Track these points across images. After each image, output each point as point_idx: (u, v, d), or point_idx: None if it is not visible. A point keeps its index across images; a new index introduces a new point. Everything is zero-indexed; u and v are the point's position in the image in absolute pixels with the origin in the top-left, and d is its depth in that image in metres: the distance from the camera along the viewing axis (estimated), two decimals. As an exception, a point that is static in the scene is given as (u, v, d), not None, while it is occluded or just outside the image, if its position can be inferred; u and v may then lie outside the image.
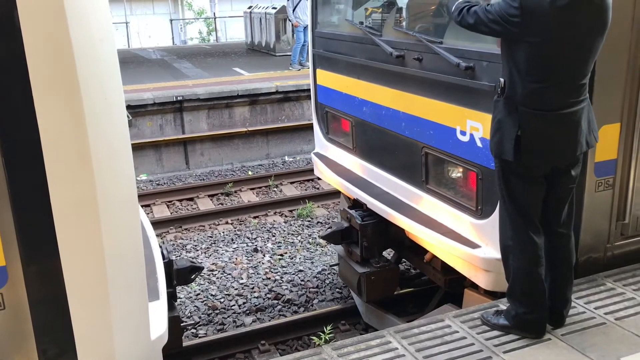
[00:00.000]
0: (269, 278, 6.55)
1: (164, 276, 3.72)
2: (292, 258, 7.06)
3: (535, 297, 3.29)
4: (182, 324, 4.54)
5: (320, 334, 5.24)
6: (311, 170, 6.99)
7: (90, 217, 2.61)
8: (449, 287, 4.63)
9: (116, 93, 2.74)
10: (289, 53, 15.69)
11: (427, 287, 5.61)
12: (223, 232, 7.97)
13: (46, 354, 2.67)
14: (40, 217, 2.52)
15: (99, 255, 2.69)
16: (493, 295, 3.99)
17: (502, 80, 3.10)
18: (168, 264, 4.05)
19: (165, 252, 4.12)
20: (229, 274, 6.68)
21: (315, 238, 7.58)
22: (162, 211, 8.76)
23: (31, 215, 2.54)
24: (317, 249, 7.28)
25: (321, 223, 8.11)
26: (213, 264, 6.97)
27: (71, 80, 2.47)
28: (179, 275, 4.23)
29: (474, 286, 4.16)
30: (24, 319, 2.61)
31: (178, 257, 6.07)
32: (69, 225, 2.57)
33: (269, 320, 5.73)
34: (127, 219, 2.84)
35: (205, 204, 9.01)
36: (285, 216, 8.48)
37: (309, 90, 6.16)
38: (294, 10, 14.13)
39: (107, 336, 2.81)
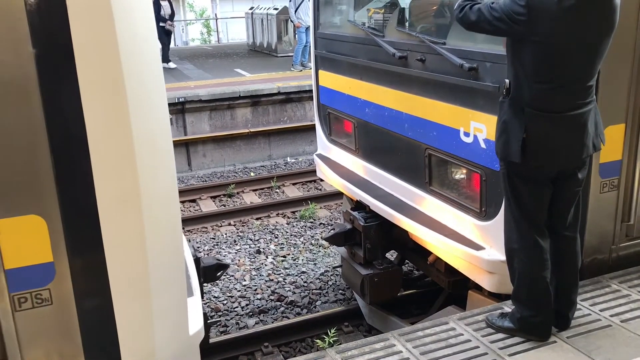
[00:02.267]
0: (272, 280, 6.54)
1: (195, 273, 3.75)
2: (294, 260, 7.04)
3: (541, 300, 3.27)
4: (207, 322, 4.54)
5: (324, 336, 5.22)
6: (313, 171, 6.98)
7: (134, 213, 2.67)
8: (452, 289, 4.61)
9: (159, 91, 2.79)
10: (290, 54, 15.68)
11: (430, 289, 5.59)
12: (225, 234, 7.96)
13: (90, 348, 2.74)
14: (86, 213, 2.58)
15: (142, 251, 2.74)
16: (497, 297, 3.97)
17: (507, 81, 3.07)
18: (195, 262, 4.06)
19: (192, 249, 4.13)
20: (232, 276, 6.67)
21: (318, 239, 7.56)
22: (164, 213, 8.74)
23: (77, 211, 2.59)
24: (319, 251, 7.26)
25: (324, 224, 8.09)
26: (216, 265, 6.95)
27: (117, 78, 2.52)
28: (206, 273, 4.25)
29: (477, 288, 4.13)
30: (70, 313, 2.67)
31: (204, 255, 6.08)
32: (113, 220, 2.62)
33: (272, 322, 5.71)
34: (168, 215, 2.89)
35: (207, 206, 9.00)
36: (288, 217, 8.47)
37: (310, 91, 6.15)
38: (295, 11, 14.13)
39: (148, 331, 2.86)
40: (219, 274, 4.34)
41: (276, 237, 7.73)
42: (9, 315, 2.56)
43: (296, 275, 6.61)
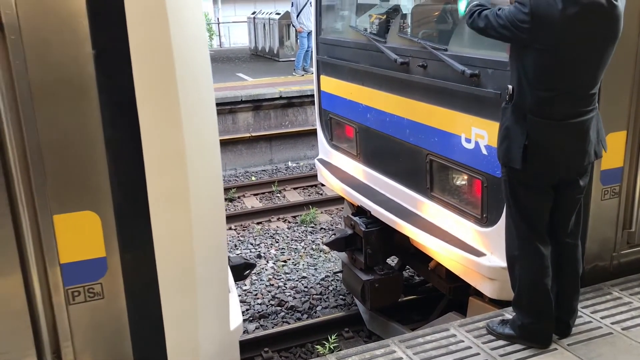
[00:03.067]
0: (272, 284, 6.53)
1: (230, 271, 3.78)
2: (295, 264, 7.04)
3: (542, 307, 3.26)
4: None
5: (325, 342, 5.21)
6: (315, 176, 6.99)
7: (182, 210, 2.75)
8: (453, 295, 4.60)
9: (208, 92, 2.87)
10: (292, 59, 15.71)
11: (431, 295, 5.58)
12: (226, 238, 7.95)
13: (138, 341, 2.81)
14: (137, 210, 2.65)
15: (189, 247, 2.82)
16: (498, 303, 3.96)
17: (510, 87, 3.08)
18: None
19: None
20: (232, 280, 6.66)
21: (319, 244, 7.56)
22: (165, 217, 8.75)
23: (130, 208, 2.66)
24: (320, 256, 7.26)
25: (325, 229, 8.09)
26: (216, 270, 6.94)
27: (169, 79, 2.60)
28: (234, 272, 4.27)
29: (478, 294, 4.13)
30: (119, 307, 2.74)
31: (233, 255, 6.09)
32: (163, 217, 2.70)
33: (272, 327, 5.70)
34: (214, 213, 2.97)
35: (208, 210, 8.98)
36: (289, 222, 8.46)
37: (312, 95, 6.17)
38: (297, 16, 14.15)
39: (193, 325, 2.94)
40: (246, 273, 4.37)
41: (277, 242, 7.73)
42: (62, 308, 2.63)
43: (297, 280, 6.61)
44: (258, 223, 8.44)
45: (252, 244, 7.70)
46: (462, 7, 3.78)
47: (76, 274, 2.62)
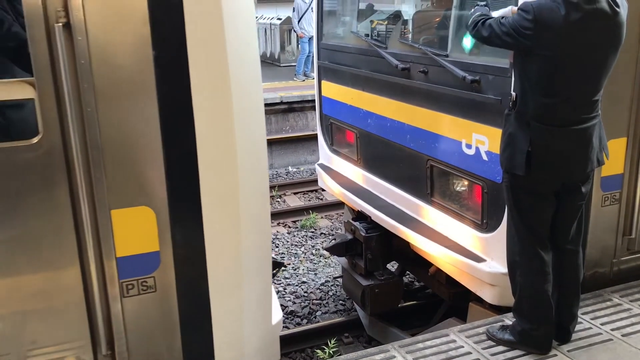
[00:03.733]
0: (272, 289, 6.52)
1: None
2: (295, 269, 7.03)
3: (542, 313, 3.26)
4: None
5: (324, 347, 5.21)
6: (315, 181, 7.00)
7: (232, 207, 2.87)
8: (453, 301, 4.60)
9: (258, 93, 2.98)
10: (293, 64, 15.74)
11: (431, 301, 5.58)
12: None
13: (187, 333, 2.91)
14: (190, 206, 2.76)
15: (237, 243, 2.93)
16: (498, 309, 3.96)
17: (513, 94, 3.08)
18: None
19: None
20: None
21: (319, 249, 7.55)
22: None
23: (183, 204, 2.75)
24: (320, 261, 7.25)
25: (325, 234, 8.08)
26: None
27: (224, 80, 2.71)
28: None
29: (478, 300, 4.13)
30: (170, 300, 2.84)
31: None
32: (214, 214, 2.80)
33: (272, 332, 5.70)
34: (260, 211, 3.08)
35: (208, 214, 8.98)
36: (289, 227, 8.46)
37: (313, 100, 6.17)
38: (299, 21, 14.19)
39: (238, 318, 3.04)
40: (275, 271, 4.39)
41: (277, 247, 7.73)
42: (117, 300, 2.73)
43: (296, 285, 6.60)
44: (258, 228, 8.41)
45: (252, 249, 7.68)
46: (467, 44, 3.82)
47: (131, 268, 2.71)
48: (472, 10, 3.25)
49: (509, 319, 3.62)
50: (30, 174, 2.51)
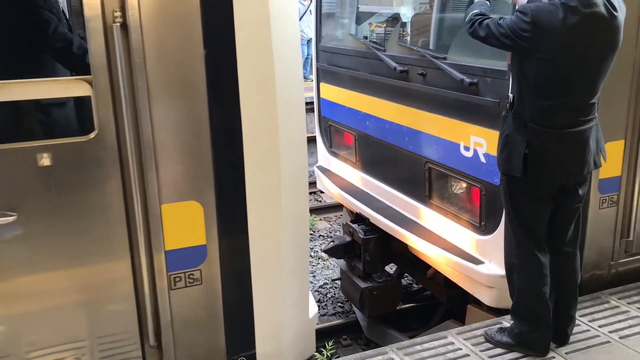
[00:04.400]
0: (271, 291, 6.52)
1: None
2: (293, 271, 7.02)
3: (540, 316, 3.26)
4: None
5: (322, 349, 5.20)
6: (313, 183, 7.01)
7: (275, 203, 2.97)
8: (451, 303, 4.60)
9: (299, 92, 3.07)
10: (292, 66, 15.71)
11: (429, 303, 5.58)
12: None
13: (230, 324, 3.00)
14: (236, 201, 2.86)
15: (278, 237, 3.02)
16: (496, 311, 3.96)
17: (511, 95, 3.09)
18: None
19: None
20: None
21: (317, 251, 7.55)
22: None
23: (229, 199, 2.85)
24: (318, 263, 7.25)
25: (323, 236, 8.08)
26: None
27: (269, 80, 2.81)
28: None
29: (477, 302, 4.13)
30: (215, 292, 2.93)
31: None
32: (257, 209, 2.91)
33: (270, 334, 5.69)
34: (300, 206, 3.18)
35: (207, 216, 8.97)
36: (287, 229, 8.45)
37: (311, 103, 6.17)
38: (297, 24, 14.18)
39: (278, 311, 3.14)
40: None
41: (275, 249, 7.71)
42: (165, 293, 2.81)
43: (295, 287, 6.59)
44: (257, 230, 8.41)
45: (250, 251, 7.68)
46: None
47: (179, 261, 2.78)
48: (471, 6, 3.24)
49: (507, 321, 3.62)
50: (86, 168, 2.60)
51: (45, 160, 2.52)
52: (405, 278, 6.20)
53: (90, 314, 2.76)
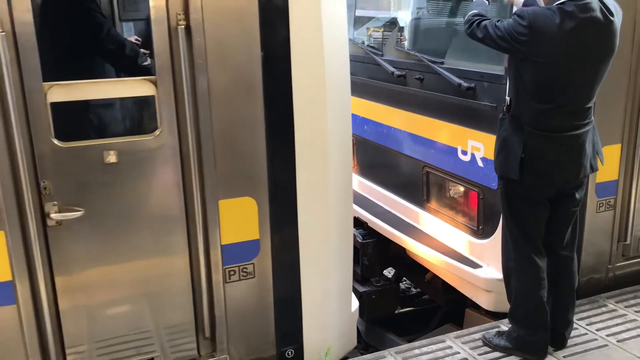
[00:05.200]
0: (269, 296, 6.50)
1: None
2: (292, 275, 7.01)
3: (537, 319, 3.27)
4: None
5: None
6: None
7: (323, 200, 3.07)
8: (449, 307, 4.60)
9: (347, 95, 3.17)
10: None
11: (428, 307, 5.57)
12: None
13: (280, 317, 3.10)
14: (288, 197, 2.97)
15: (326, 233, 3.12)
16: (494, 315, 3.97)
17: (508, 98, 3.10)
18: None
19: None
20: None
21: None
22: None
23: (282, 195, 2.96)
24: (317, 267, 7.23)
25: (321, 240, 8.06)
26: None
27: (321, 82, 2.92)
28: None
29: (475, 306, 4.13)
30: (267, 286, 3.03)
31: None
32: (307, 205, 3.01)
33: (269, 339, 5.67)
34: (345, 203, 3.27)
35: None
36: (286, 233, 8.43)
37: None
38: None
39: (325, 304, 3.24)
40: None
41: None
42: (220, 286, 2.91)
43: (293, 291, 6.58)
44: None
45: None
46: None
47: (234, 255, 2.88)
48: (470, 5, 3.25)
49: (505, 325, 3.62)
50: (149, 165, 2.72)
51: (111, 157, 2.64)
52: (404, 282, 6.20)
53: (151, 306, 2.86)
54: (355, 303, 3.52)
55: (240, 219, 2.88)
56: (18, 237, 2.56)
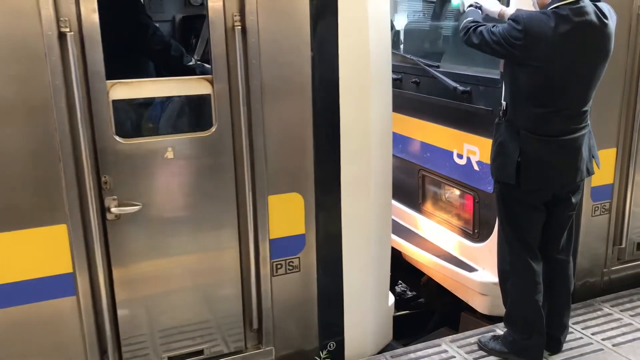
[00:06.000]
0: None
1: None
2: (287, 279, 6.99)
3: (533, 323, 3.26)
4: None
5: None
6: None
7: (365, 196, 3.15)
8: (445, 310, 4.60)
9: (389, 94, 3.23)
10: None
11: (423, 310, 5.56)
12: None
13: (322, 309, 3.17)
14: (332, 193, 3.04)
15: (367, 228, 3.19)
16: (490, 319, 3.96)
17: (504, 103, 3.10)
18: None
19: None
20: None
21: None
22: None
23: (327, 191, 3.03)
24: (312, 270, 7.22)
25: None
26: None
27: (366, 82, 3.00)
28: None
29: (470, 310, 4.13)
30: (311, 279, 3.10)
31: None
32: (350, 201, 3.09)
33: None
34: (386, 199, 3.34)
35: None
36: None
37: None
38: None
39: (364, 298, 3.30)
40: None
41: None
42: (267, 279, 3.00)
43: (289, 295, 6.56)
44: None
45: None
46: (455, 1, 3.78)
47: (281, 249, 2.96)
48: (464, 12, 3.26)
49: (500, 329, 3.62)
50: (204, 161, 2.78)
51: (168, 153, 2.72)
52: (399, 285, 6.19)
53: (202, 299, 2.93)
54: (391, 297, 3.58)
55: (288, 214, 2.96)
56: (79, 230, 2.62)
